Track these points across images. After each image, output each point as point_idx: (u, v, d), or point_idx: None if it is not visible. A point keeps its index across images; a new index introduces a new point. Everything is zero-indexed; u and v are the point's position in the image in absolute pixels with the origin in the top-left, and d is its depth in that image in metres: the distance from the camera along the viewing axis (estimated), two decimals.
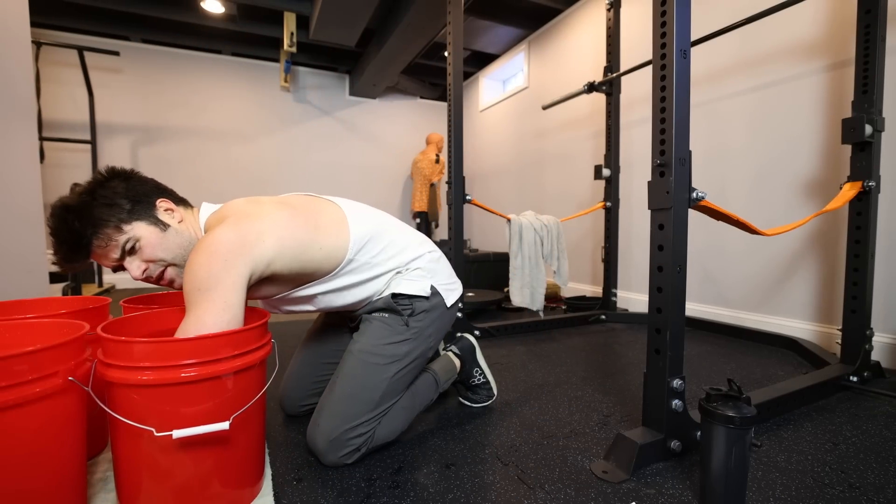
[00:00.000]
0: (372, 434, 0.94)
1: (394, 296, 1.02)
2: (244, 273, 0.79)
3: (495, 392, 1.28)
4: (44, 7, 3.28)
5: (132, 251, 0.84)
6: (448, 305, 1.08)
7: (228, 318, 0.76)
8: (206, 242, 0.79)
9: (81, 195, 0.82)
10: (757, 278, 2.05)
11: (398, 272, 1.04)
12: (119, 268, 0.87)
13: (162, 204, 0.89)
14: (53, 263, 0.83)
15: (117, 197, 0.84)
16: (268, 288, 0.93)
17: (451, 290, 1.11)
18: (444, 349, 1.28)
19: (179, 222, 0.90)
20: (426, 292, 1.03)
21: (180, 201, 0.95)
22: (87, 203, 0.81)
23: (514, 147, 3.97)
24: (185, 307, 0.78)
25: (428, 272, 1.06)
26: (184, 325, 0.76)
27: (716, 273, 2.23)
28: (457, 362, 1.23)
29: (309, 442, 0.94)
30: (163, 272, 0.88)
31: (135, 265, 0.85)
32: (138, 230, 0.84)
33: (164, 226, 0.87)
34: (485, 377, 1.27)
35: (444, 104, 5.17)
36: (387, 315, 1.02)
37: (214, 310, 0.75)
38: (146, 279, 0.87)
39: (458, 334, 1.33)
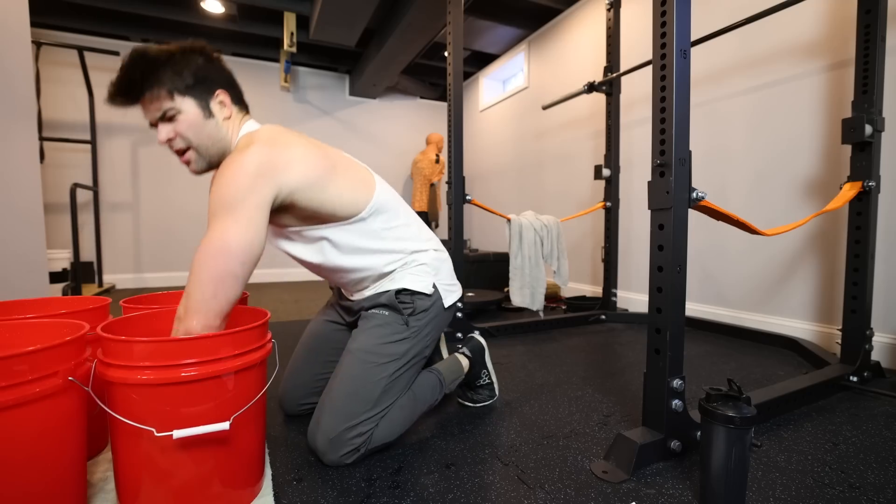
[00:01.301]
0: (371, 434, 0.94)
1: (398, 293, 1.03)
2: (269, 195, 0.82)
3: (497, 393, 1.28)
4: (44, 7, 3.28)
5: (171, 119, 0.87)
6: (446, 306, 1.09)
7: (251, 237, 0.79)
8: (236, 160, 0.81)
9: (163, 51, 0.86)
10: (757, 278, 2.05)
11: (404, 263, 1.05)
12: (154, 125, 0.90)
13: (220, 95, 0.92)
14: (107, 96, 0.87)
15: (187, 69, 0.87)
16: (285, 218, 0.95)
17: (451, 291, 1.12)
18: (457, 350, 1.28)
19: (225, 119, 0.93)
20: (429, 290, 1.05)
21: (239, 103, 0.97)
22: (161, 60, 0.85)
23: (514, 147, 3.97)
24: (209, 223, 0.79)
25: (432, 269, 1.08)
26: (207, 239, 0.77)
27: (716, 273, 2.23)
28: (465, 363, 1.23)
29: (310, 441, 0.95)
30: (185, 150, 0.91)
31: (165, 131, 0.88)
32: (184, 105, 0.87)
33: (209, 114, 0.90)
34: (490, 378, 1.27)
35: (444, 104, 5.17)
36: (387, 313, 1.03)
37: (238, 226, 0.78)
38: (168, 146, 0.90)
39: (469, 335, 1.33)
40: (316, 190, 0.90)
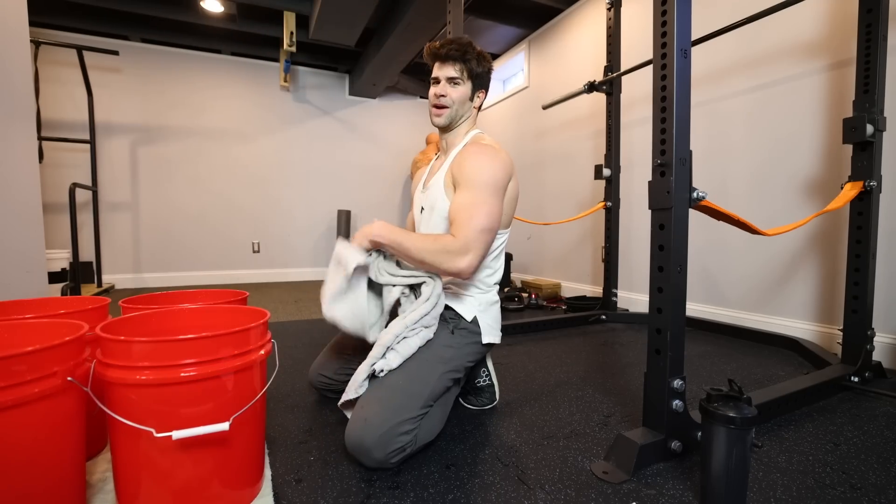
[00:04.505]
0: (416, 436, 0.94)
1: (446, 307, 1.13)
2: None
3: (497, 396, 1.28)
4: (43, 6, 3.28)
5: (454, 84, 1.21)
6: (483, 342, 1.14)
7: (496, 221, 1.06)
8: (498, 156, 1.12)
9: (482, 53, 1.24)
10: (757, 278, 2.05)
11: (470, 288, 1.17)
12: (436, 81, 1.22)
13: (482, 94, 1.27)
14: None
15: (483, 69, 1.23)
16: None
17: (489, 333, 1.16)
18: None
19: (473, 107, 1.26)
20: (469, 316, 1.13)
21: (480, 108, 1.30)
22: (480, 55, 1.23)
23: (515, 147, 3.97)
24: (470, 191, 1.06)
25: (478, 304, 1.16)
26: (486, 207, 1.03)
27: (716, 273, 2.23)
28: None
29: (354, 440, 0.90)
30: (444, 106, 1.21)
31: (446, 88, 1.20)
32: (464, 84, 1.21)
33: (471, 97, 1.24)
34: (490, 380, 1.27)
35: None
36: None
37: (496, 207, 1.07)
38: (437, 97, 1.20)
39: None
40: (504, 199, 1.14)
